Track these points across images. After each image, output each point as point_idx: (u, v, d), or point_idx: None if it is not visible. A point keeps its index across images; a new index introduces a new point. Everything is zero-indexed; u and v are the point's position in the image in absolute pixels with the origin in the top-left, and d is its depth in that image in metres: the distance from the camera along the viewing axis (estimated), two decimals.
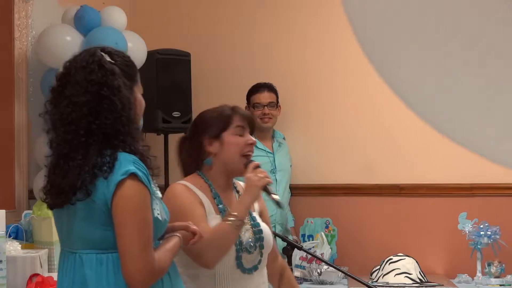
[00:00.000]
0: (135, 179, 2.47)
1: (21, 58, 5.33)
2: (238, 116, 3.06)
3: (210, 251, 2.86)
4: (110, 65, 2.57)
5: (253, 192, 2.95)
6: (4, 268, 3.92)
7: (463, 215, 5.10)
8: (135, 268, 2.45)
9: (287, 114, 5.73)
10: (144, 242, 2.46)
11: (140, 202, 2.47)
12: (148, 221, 2.48)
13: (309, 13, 5.84)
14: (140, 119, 2.65)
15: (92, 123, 2.50)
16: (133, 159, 2.49)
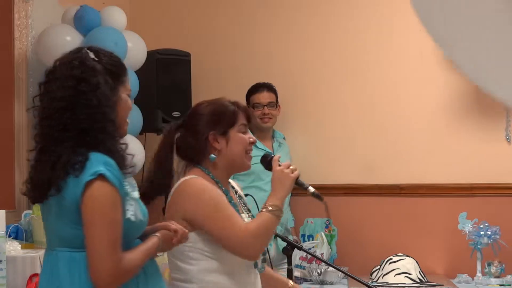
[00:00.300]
0: (104, 180, 2.47)
1: (21, 58, 5.33)
2: (243, 113, 3.03)
3: (258, 242, 2.83)
4: (92, 62, 2.57)
5: (287, 184, 2.93)
6: (4, 268, 3.92)
7: (463, 215, 5.10)
8: (101, 268, 2.46)
9: (287, 114, 5.73)
10: (111, 243, 2.46)
11: (108, 203, 2.48)
12: (116, 222, 2.48)
13: (309, 13, 5.84)
14: (123, 119, 2.64)
15: (68, 118, 2.51)
16: (104, 160, 2.49)
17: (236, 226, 2.82)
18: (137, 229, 2.60)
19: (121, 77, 2.63)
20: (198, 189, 2.89)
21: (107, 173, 2.47)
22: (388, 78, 5.66)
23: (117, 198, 2.50)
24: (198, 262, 2.88)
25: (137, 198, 2.60)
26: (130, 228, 2.54)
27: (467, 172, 5.45)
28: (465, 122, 5.49)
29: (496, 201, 5.37)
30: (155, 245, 2.59)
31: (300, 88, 5.82)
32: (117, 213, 2.49)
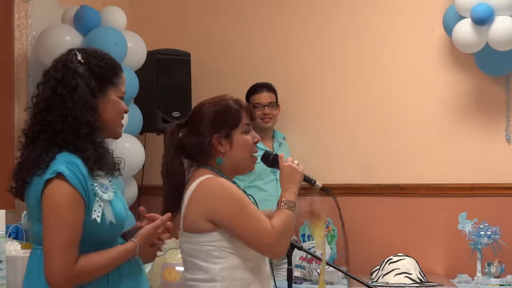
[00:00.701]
0: (62, 179, 2.46)
1: (21, 58, 5.33)
2: (246, 112, 2.98)
3: (284, 240, 2.84)
4: (75, 64, 2.58)
5: (297, 179, 2.92)
6: (4, 268, 3.92)
7: (463, 215, 5.10)
8: (53, 267, 2.45)
9: (287, 114, 5.73)
10: (62, 242, 2.44)
11: (63, 203, 2.46)
12: (71, 223, 2.45)
13: (309, 13, 5.83)
14: (113, 121, 2.64)
15: (45, 119, 2.54)
16: (68, 160, 2.49)
17: (261, 224, 2.81)
18: (108, 232, 2.56)
19: (111, 79, 2.63)
20: (221, 188, 2.85)
21: (66, 172, 2.46)
22: (388, 78, 5.66)
23: (76, 198, 2.47)
24: (222, 261, 2.84)
25: (110, 200, 2.57)
26: (97, 230, 2.52)
27: (467, 172, 5.45)
28: (465, 122, 5.49)
29: (496, 201, 5.37)
30: (127, 250, 2.57)
31: (300, 88, 5.82)
32: (73, 213, 2.46)
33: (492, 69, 5.35)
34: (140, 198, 5.52)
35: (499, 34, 5.06)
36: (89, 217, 2.50)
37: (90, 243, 2.51)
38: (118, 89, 2.65)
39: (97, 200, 2.52)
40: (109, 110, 2.61)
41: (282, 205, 2.86)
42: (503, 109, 5.44)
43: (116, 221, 2.57)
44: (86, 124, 2.53)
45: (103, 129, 2.59)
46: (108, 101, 2.61)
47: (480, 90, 5.48)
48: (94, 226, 2.50)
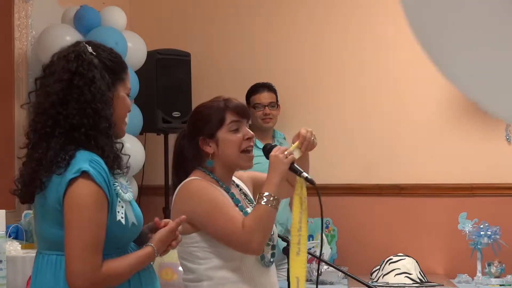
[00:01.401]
0: (88, 178, 2.34)
1: (21, 58, 5.33)
2: (231, 111, 2.95)
3: (257, 235, 2.79)
4: (89, 56, 2.46)
5: (279, 169, 2.85)
6: (4, 268, 3.92)
7: (463, 215, 5.10)
8: (77, 271, 2.33)
9: (287, 114, 5.73)
10: (90, 245, 2.33)
11: (88, 202, 2.34)
12: (96, 223, 2.34)
13: (309, 13, 5.83)
14: (121, 118, 2.53)
15: (60, 113, 2.41)
16: (90, 158, 2.37)
17: (235, 223, 2.80)
18: (130, 233, 2.48)
19: (120, 75, 2.52)
20: (197, 190, 2.87)
21: (91, 171, 2.35)
22: (388, 78, 5.66)
23: (101, 198, 2.36)
24: (206, 261, 2.88)
25: (130, 200, 2.48)
26: (121, 232, 2.42)
27: (467, 172, 5.45)
28: (465, 122, 5.49)
29: (496, 201, 5.37)
30: (147, 255, 2.47)
31: (300, 88, 5.82)
32: (99, 213, 2.35)
33: None
34: (140, 198, 5.52)
35: None
36: (114, 219, 2.39)
37: (112, 247, 2.41)
38: (126, 86, 2.56)
39: (119, 201, 2.42)
40: (119, 106, 2.50)
41: (259, 200, 2.82)
42: None
43: (137, 222, 2.48)
44: (105, 118, 2.41)
45: (116, 127, 2.48)
46: (118, 97, 2.51)
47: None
48: (119, 228, 2.41)
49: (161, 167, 5.79)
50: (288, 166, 2.87)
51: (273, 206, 2.82)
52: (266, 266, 2.95)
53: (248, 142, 2.97)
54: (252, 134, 3.00)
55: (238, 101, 3.02)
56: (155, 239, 2.50)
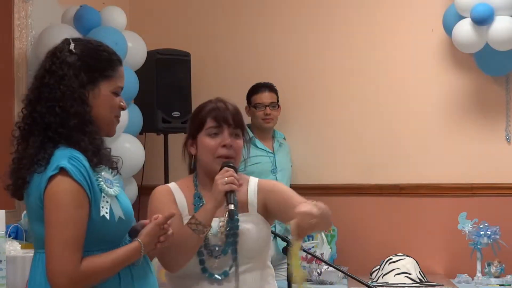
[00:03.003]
0: (66, 175, 2.33)
1: (21, 58, 5.33)
2: (211, 117, 2.90)
3: (169, 253, 2.74)
4: (65, 53, 2.47)
5: (214, 196, 2.77)
6: (4, 268, 3.92)
7: (463, 215, 5.10)
8: (57, 269, 2.32)
9: (287, 114, 5.73)
10: (66, 243, 2.31)
11: (66, 200, 2.33)
12: (75, 220, 2.33)
13: (310, 13, 5.83)
14: (105, 117, 2.49)
15: (35, 111, 2.43)
16: (70, 155, 2.36)
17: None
18: (118, 228, 2.45)
19: (103, 72, 2.48)
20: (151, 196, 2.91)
21: (69, 167, 2.33)
22: (388, 78, 5.66)
23: (80, 195, 2.34)
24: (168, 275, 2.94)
25: (117, 195, 2.45)
26: (107, 227, 2.40)
27: (467, 172, 5.45)
28: (465, 122, 5.49)
29: (496, 201, 5.37)
30: (133, 250, 2.45)
31: (301, 88, 5.82)
32: (78, 210, 2.33)
33: (492, 69, 5.35)
34: (140, 198, 5.52)
35: (498, 34, 5.07)
36: (98, 214, 2.38)
37: (100, 242, 2.41)
38: (112, 83, 2.49)
39: (104, 196, 2.40)
40: (100, 105, 2.46)
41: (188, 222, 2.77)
42: (503, 109, 5.44)
43: (125, 216, 2.45)
44: (75, 115, 2.39)
45: (95, 124, 2.45)
46: (99, 95, 2.46)
47: (480, 90, 5.48)
48: (104, 223, 2.39)
49: (161, 167, 5.79)
50: (222, 195, 2.76)
51: (196, 231, 2.75)
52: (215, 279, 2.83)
53: (224, 150, 2.87)
54: (229, 142, 2.88)
55: (227, 106, 2.92)
56: (142, 234, 2.48)
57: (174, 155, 5.88)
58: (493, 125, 5.44)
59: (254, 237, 2.89)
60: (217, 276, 2.82)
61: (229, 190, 2.76)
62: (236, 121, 2.92)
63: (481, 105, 5.47)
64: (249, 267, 2.88)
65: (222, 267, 2.83)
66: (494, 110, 5.44)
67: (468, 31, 5.14)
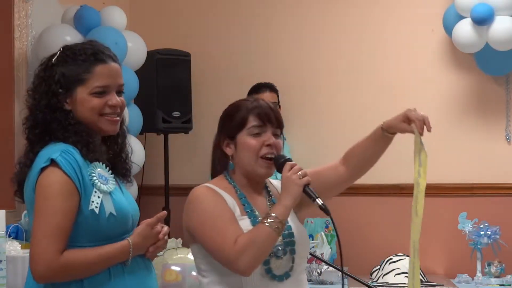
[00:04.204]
0: (56, 167, 2.40)
1: (21, 58, 5.33)
2: (254, 114, 2.77)
3: (247, 255, 2.59)
4: (42, 67, 2.59)
5: (293, 191, 2.66)
6: (4, 268, 3.92)
7: (463, 215, 5.10)
8: (34, 255, 2.37)
9: (287, 114, 5.72)
10: (49, 231, 2.36)
11: (54, 191, 2.39)
12: (60, 211, 2.37)
13: (309, 13, 5.83)
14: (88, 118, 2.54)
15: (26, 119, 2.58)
16: (63, 149, 2.44)
17: (226, 238, 2.61)
18: (109, 224, 2.46)
19: (78, 77, 2.53)
20: (196, 199, 2.72)
21: (60, 159, 2.41)
22: (388, 78, 5.66)
23: (68, 187, 2.40)
24: (207, 274, 2.73)
25: (110, 192, 2.48)
26: (96, 221, 2.43)
27: (467, 172, 5.45)
28: (465, 122, 5.49)
29: (496, 201, 5.37)
30: (120, 249, 2.46)
31: (301, 88, 5.82)
32: (65, 202, 2.39)
33: (492, 69, 5.35)
34: (140, 198, 5.52)
35: (499, 34, 5.07)
36: (87, 208, 2.42)
37: (92, 238, 2.43)
38: (88, 85, 2.53)
39: (95, 191, 2.44)
40: (79, 109, 2.53)
41: (264, 220, 2.64)
42: (503, 108, 5.44)
43: (117, 213, 2.46)
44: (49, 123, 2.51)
45: (81, 124, 2.53)
46: (76, 101, 2.53)
47: (480, 90, 5.48)
48: (93, 218, 2.42)
49: (161, 167, 5.79)
50: (302, 189, 2.68)
51: (275, 229, 2.61)
52: (277, 280, 2.72)
53: (268, 148, 2.75)
54: (275, 142, 2.77)
55: (268, 105, 2.82)
56: (134, 233, 2.51)
57: (174, 155, 5.88)
58: (493, 125, 5.44)
59: (304, 235, 2.87)
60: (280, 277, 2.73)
61: (307, 183, 2.69)
62: (278, 120, 2.83)
63: (481, 105, 5.47)
64: (303, 267, 2.85)
65: (284, 268, 2.75)
66: (494, 110, 5.44)
67: (468, 31, 5.14)
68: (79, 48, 2.58)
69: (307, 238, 2.90)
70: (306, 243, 2.88)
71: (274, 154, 2.77)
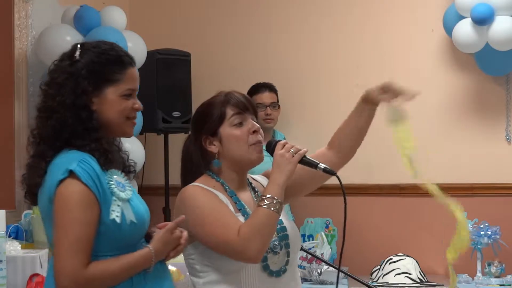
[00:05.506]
0: (75, 178, 2.33)
1: (21, 58, 5.33)
2: (231, 104, 2.74)
3: (253, 242, 2.55)
4: (66, 62, 2.45)
5: (286, 169, 2.64)
6: (4, 268, 3.92)
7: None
8: (60, 271, 2.30)
9: (287, 114, 5.73)
10: (72, 244, 2.30)
11: (74, 202, 2.32)
12: (81, 222, 2.31)
13: (309, 13, 5.83)
14: (113, 120, 2.50)
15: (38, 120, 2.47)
16: (80, 158, 2.36)
17: (229, 231, 2.58)
18: (130, 232, 2.40)
19: (109, 77, 2.45)
20: (188, 197, 2.67)
21: (78, 170, 2.33)
22: (388, 78, 5.63)
23: (88, 197, 2.33)
24: (204, 274, 2.69)
25: (129, 199, 2.42)
26: (118, 231, 2.37)
27: (467, 172, 5.45)
28: (465, 122, 5.49)
29: (496, 201, 5.37)
30: (143, 257, 2.41)
31: (301, 88, 5.82)
32: (85, 212, 2.32)
33: (492, 69, 5.35)
34: None
35: (499, 34, 5.07)
36: (108, 218, 2.36)
37: (113, 246, 2.38)
38: (119, 87, 2.46)
39: (115, 200, 2.38)
40: (107, 110, 2.46)
41: (260, 202, 2.60)
42: (503, 109, 5.44)
43: (137, 220, 2.41)
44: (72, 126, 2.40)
45: (102, 129, 2.45)
46: (106, 101, 2.45)
47: (480, 90, 5.48)
48: (114, 227, 2.36)
49: (161, 167, 5.79)
50: (295, 166, 2.67)
51: (275, 210, 2.59)
52: (275, 276, 2.70)
53: (254, 136, 2.73)
54: (258, 127, 2.75)
55: (240, 94, 2.80)
56: (154, 240, 2.44)
57: (174, 155, 5.88)
58: (493, 125, 5.44)
59: (295, 228, 2.84)
60: (277, 272, 2.71)
61: (303, 155, 2.69)
62: (254, 107, 2.82)
63: (481, 105, 5.46)
64: (296, 261, 2.84)
65: (280, 263, 2.73)
66: (494, 110, 5.44)
67: (468, 31, 5.14)
68: (106, 48, 2.48)
69: (297, 231, 2.88)
70: (298, 235, 2.86)
71: (261, 140, 2.75)
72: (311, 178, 2.97)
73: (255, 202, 2.75)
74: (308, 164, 2.73)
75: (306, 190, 3.03)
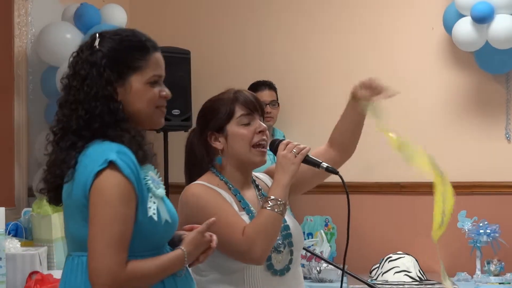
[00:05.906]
0: (115, 169, 2.18)
1: (21, 56, 5.33)
2: (240, 103, 2.74)
3: (258, 243, 2.56)
4: (88, 51, 2.31)
5: (289, 169, 2.65)
6: (3, 265, 3.93)
7: (462, 213, 5.10)
8: (97, 267, 2.14)
9: (287, 112, 5.73)
10: (112, 240, 2.14)
11: (114, 195, 2.16)
12: (122, 218, 2.16)
13: (309, 12, 5.83)
14: (141, 110, 2.33)
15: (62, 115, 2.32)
16: (118, 149, 2.21)
17: (234, 231, 2.58)
18: (164, 232, 2.29)
19: (132, 64, 2.31)
20: (192, 196, 2.66)
21: (119, 161, 2.18)
22: (388, 77, 5.61)
23: (128, 191, 2.18)
24: (207, 273, 2.68)
25: (163, 197, 2.30)
26: (154, 229, 2.24)
27: (467, 170, 5.44)
28: (465, 120, 5.49)
29: (495, 200, 5.37)
30: (177, 258, 2.28)
31: (301, 87, 5.82)
32: (125, 208, 2.17)
33: (492, 67, 5.35)
34: None
35: (499, 32, 5.07)
36: (145, 215, 2.22)
37: (145, 247, 2.24)
38: (144, 74, 2.32)
39: (151, 196, 2.24)
40: (134, 100, 2.31)
41: (264, 204, 2.62)
42: (503, 107, 5.44)
43: (171, 219, 2.30)
44: (100, 116, 2.26)
45: (130, 120, 2.30)
46: (131, 90, 2.30)
47: (480, 88, 5.47)
48: (151, 225, 2.23)
49: (160, 164, 5.79)
50: (298, 166, 2.68)
51: (279, 211, 2.61)
52: (279, 275, 2.71)
53: (260, 135, 2.74)
54: (265, 127, 2.76)
55: (249, 93, 2.80)
56: (185, 242, 2.32)
57: (174, 153, 5.88)
58: (493, 124, 5.44)
59: (297, 226, 2.85)
60: (281, 271, 2.72)
61: (305, 154, 2.70)
62: (262, 108, 2.81)
63: (481, 104, 5.46)
64: (299, 259, 2.85)
65: (284, 262, 2.74)
66: (494, 109, 5.44)
67: (468, 29, 5.14)
68: (127, 34, 2.36)
69: (300, 229, 2.90)
70: (300, 234, 2.87)
71: (266, 141, 2.75)
72: (313, 176, 2.99)
73: (259, 200, 2.77)
74: (310, 163, 2.75)
75: (306, 187, 3.04)
